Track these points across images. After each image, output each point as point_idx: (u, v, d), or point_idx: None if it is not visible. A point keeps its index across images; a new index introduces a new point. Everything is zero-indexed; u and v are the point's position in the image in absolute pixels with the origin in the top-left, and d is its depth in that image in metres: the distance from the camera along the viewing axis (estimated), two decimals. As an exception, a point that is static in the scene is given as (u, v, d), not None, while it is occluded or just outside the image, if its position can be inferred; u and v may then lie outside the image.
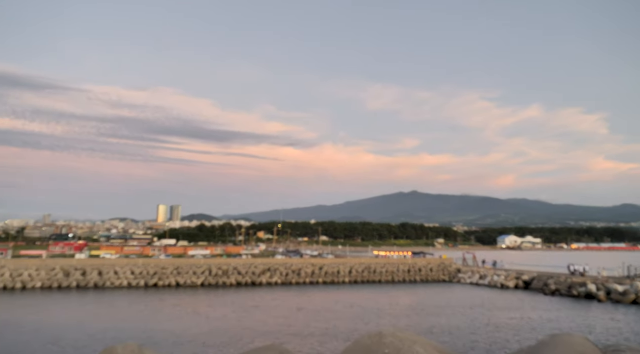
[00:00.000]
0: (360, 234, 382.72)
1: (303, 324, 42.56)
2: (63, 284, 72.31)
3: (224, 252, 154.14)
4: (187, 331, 38.78)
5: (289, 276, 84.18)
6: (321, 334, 38.25)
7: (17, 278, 72.00)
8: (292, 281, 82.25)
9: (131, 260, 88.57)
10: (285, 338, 36.08)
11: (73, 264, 79.61)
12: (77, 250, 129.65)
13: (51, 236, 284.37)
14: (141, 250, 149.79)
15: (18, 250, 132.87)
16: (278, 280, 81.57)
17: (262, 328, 40.49)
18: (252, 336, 37.16)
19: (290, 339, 35.96)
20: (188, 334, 37.68)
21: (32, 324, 41.82)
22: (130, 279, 76.02)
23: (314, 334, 38.22)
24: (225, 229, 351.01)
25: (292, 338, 36.28)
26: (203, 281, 78.16)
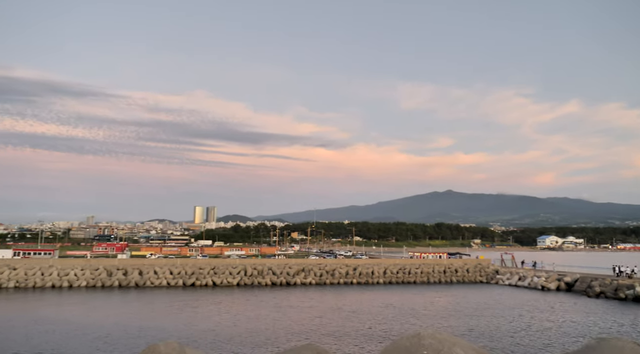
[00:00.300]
0: (394, 235, 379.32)
1: (338, 325, 42.56)
2: (106, 283, 75.00)
3: (258, 252, 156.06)
4: (224, 330, 39.49)
5: (322, 276, 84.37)
6: (357, 334, 38.15)
7: (64, 277, 75.21)
8: (326, 282, 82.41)
9: (169, 260, 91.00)
10: (320, 338, 36.19)
11: (115, 264, 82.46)
12: (119, 250, 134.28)
13: (94, 237, 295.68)
14: (179, 250, 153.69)
15: (64, 250, 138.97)
16: (312, 280, 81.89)
17: (297, 328, 40.75)
18: (288, 335, 37.47)
19: (326, 339, 36.03)
20: (225, 333, 38.36)
21: (79, 321, 43.58)
22: (169, 278, 78.06)
23: (350, 334, 38.17)
24: (260, 230, 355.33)
25: (328, 338, 36.35)
26: (238, 281, 79.37)
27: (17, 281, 72.78)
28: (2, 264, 76.85)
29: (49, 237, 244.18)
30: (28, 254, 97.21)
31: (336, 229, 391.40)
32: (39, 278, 74.13)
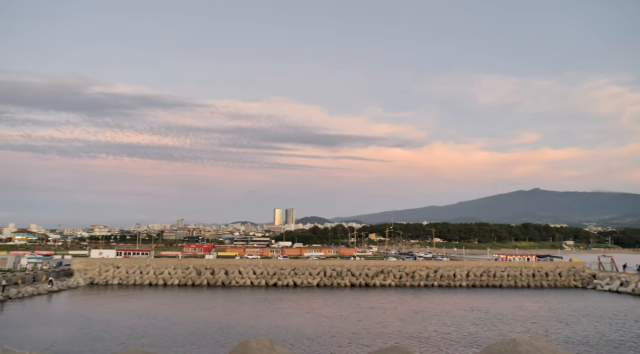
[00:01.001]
0: (477, 236, 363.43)
1: (420, 327, 41.76)
2: (196, 282, 79.85)
3: (336, 254, 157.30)
4: (308, 329, 40.39)
5: (402, 278, 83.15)
6: (442, 338, 37.18)
7: (159, 276, 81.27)
8: (405, 284, 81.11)
9: (252, 260, 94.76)
10: (403, 341, 35.76)
11: (203, 263, 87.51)
12: (206, 251, 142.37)
13: (184, 238, 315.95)
14: (261, 251, 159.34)
15: (159, 251, 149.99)
16: (392, 282, 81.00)
17: (380, 329, 40.60)
18: (371, 336, 37.46)
19: (409, 342, 35.53)
20: (309, 332, 39.23)
21: (176, 316, 46.88)
22: (252, 278, 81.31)
23: (434, 338, 37.29)
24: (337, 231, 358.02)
25: (412, 341, 35.82)
26: (318, 282, 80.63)
27: (120, 279, 79.90)
28: (108, 263, 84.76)
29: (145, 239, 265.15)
30: (128, 254, 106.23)
31: (415, 230, 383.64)
32: (138, 276, 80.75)
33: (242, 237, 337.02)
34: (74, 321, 43.70)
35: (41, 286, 66.51)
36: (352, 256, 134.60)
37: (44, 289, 65.64)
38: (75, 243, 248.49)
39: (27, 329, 39.11)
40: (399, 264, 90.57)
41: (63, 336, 36.44)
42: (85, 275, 79.73)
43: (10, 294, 58.59)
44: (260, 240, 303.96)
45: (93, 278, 79.44)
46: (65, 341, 34.65)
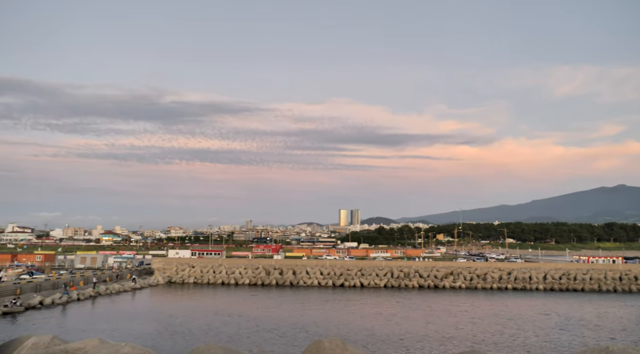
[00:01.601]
0: (554, 236, 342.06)
1: (496, 331, 40.21)
2: (265, 281, 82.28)
3: (403, 254, 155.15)
4: (378, 330, 40.33)
5: (473, 280, 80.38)
6: (519, 343, 35.58)
7: (230, 275, 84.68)
8: (477, 286, 78.29)
9: (319, 261, 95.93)
10: (478, 345, 34.64)
11: (272, 264, 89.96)
12: (274, 252, 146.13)
13: (253, 239, 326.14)
14: (327, 252, 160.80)
15: (230, 251, 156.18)
16: (462, 284, 78.55)
17: (452, 332, 39.62)
18: (443, 339, 36.68)
19: (485, 347, 34.36)
20: (380, 333, 39.15)
21: (249, 314, 48.70)
22: (319, 278, 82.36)
23: (511, 343, 35.77)
24: (404, 232, 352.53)
25: (487, 346, 34.61)
26: (385, 283, 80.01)
27: (195, 277, 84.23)
28: (184, 263, 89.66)
29: (217, 240, 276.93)
30: (202, 254, 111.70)
31: (485, 230, 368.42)
32: (212, 275, 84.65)
33: (309, 238, 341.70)
34: (155, 317, 46.78)
35: (126, 284, 71.78)
36: (417, 257, 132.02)
37: (128, 286, 70.79)
38: (154, 244, 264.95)
39: (116, 323, 42.47)
40: (469, 266, 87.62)
41: (147, 330, 39.16)
42: (164, 274, 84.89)
43: (100, 290, 63.83)
44: (326, 241, 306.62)
45: (171, 277, 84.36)
46: (150, 335, 37.21)
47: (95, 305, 55.50)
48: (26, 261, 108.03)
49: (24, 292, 55.78)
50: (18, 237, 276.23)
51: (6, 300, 50.16)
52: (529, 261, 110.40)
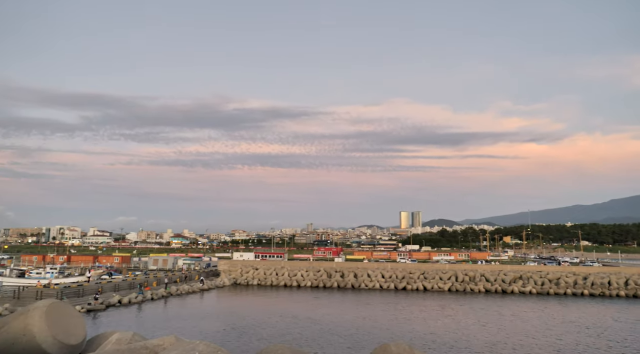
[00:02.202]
0: (635, 238, 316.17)
1: (573, 340, 37.89)
2: (327, 284, 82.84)
3: (468, 258, 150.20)
4: (445, 335, 39.36)
5: (544, 285, 76.19)
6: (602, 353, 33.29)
7: (293, 278, 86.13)
8: (548, 291, 74.10)
9: (380, 264, 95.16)
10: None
11: (333, 266, 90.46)
12: (335, 254, 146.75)
13: (314, 242, 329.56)
14: (388, 255, 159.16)
15: (291, 254, 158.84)
16: (532, 289, 74.68)
17: (526, 340, 37.80)
18: (514, 347, 35.13)
19: (556, 355, 32.50)
20: (445, 338, 38.20)
21: (313, 317, 49.34)
22: (381, 282, 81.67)
23: (592, 352, 33.56)
24: (468, 234, 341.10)
25: (559, 354, 32.72)
26: (449, 287, 77.86)
27: (259, 279, 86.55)
28: (248, 265, 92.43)
29: (279, 243, 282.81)
30: (265, 256, 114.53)
31: (557, 232, 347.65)
32: (274, 278, 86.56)
33: (369, 241, 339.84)
34: (223, 317, 48.62)
35: (194, 285, 75.19)
36: (481, 260, 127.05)
37: (197, 287, 74.09)
38: (219, 247, 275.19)
39: (187, 322, 44.65)
40: (540, 270, 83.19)
41: (216, 330, 40.81)
42: (229, 275, 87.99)
43: (171, 290, 67.35)
44: (386, 243, 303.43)
45: (236, 278, 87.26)
46: (219, 334, 38.74)
47: (167, 305, 58.63)
48: (106, 263, 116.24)
49: (104, 291, 60.07)
50: (98, 240, 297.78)
51: (90, 298, 54.30)
52: (607, 265, 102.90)
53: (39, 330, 10.47)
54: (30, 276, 77.66)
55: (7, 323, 10.94)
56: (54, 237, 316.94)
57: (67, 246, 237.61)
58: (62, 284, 65.35)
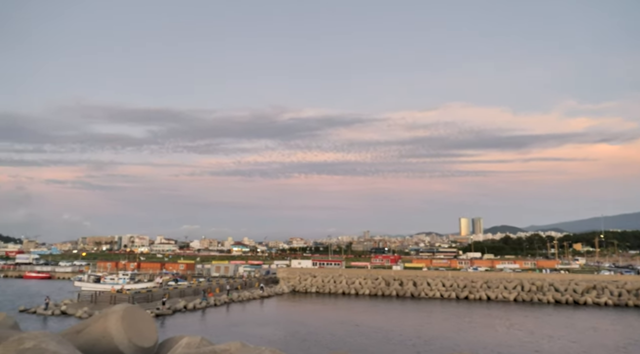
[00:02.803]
0: None
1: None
2: (385, 292, 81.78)
3: (534, 266, 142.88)
4: (512, 348, 37.62)
5: (622, 296, 70.78)
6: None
7: (351, 285, 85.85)
8: (627, 303, 68.74)
9: (440, 272, 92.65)
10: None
11: (391, 274, 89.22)
12: (393, 262, 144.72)
13: (371, 250, 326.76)
14: (448, 263, 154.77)
15: (349, 261, 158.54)
16: (608, 300, 69.62)
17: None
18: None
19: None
20: (514, 350, 36.51)
21: (375, 325, 48.90)
22: (441, 290, 79.47)
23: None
24: (533, 241, 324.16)
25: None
26: (515, 297, 74.34)
27: (317, 287, 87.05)
28: (306, 273, 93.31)
29: (336, 250, 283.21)
30: (322, 264, 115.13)
31: (634, 238, 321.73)
32: (332, 285, 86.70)
33: (428, 249, 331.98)
34: (284, 324, 49.38)
35: (255, 292, 76.95)
36: (545, 269, 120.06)
37: (257, 294, 75.79)
38: (278, 254, 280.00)
39: (249, 328, 45.77)
40: (616, 279, 77.48)
41: (278, 337, 41.53)
42: (288, 283, 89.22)
43: (233, 297, 69.37)
44: (446, 251, 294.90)
45: (294, 286, 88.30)
46: (281, 341, 39.37)
47: (229, 311, 60.43)
48: (172, 270, 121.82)
49: (171, 297, 62.94)
50: (165, 248, 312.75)
51: (158, 303, 57.12)
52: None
53: (116, 333, 11.15)
54: (105, 282, 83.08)
55: (88, 326, 11.75)
56: (125, 245, 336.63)
57: (137, 253, 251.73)
58: (133, 289, 69.29)
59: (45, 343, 9.13)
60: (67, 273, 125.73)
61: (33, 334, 9.13)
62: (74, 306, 56.60)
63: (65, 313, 54.03)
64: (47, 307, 55.52)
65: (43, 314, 53.95)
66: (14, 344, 8.89)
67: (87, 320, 11.62)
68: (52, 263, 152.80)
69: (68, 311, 54.13)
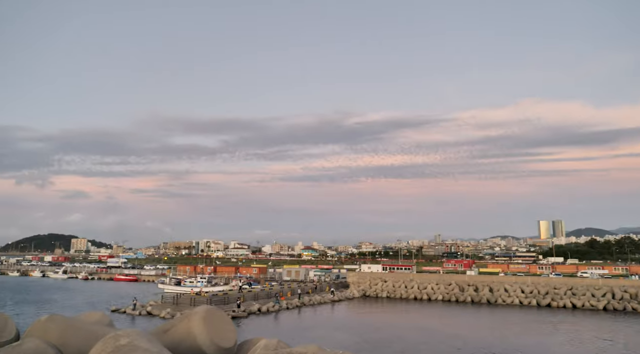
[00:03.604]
0: None
1: None
2: (459, 298, 78.99)
3: (627, 272, 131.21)
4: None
5: None
6: None
7: (423, 290, 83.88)
8: None
9: (519, 278, 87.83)
10: None
11: (465, 280, 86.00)
12: (466, 267, 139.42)
13: (442, 254, 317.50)
14: (527, 268, 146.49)
15: (420, 266, 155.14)
16: None
17: None
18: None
19: None
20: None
21: (453, 332, 47.50)
22: (520, 297, 75.35)
23: None
24: (624, 245, 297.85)
25: None
26: (605, 305, 68.65)
27: (387, 292, 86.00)
28: (376, 277, 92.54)
29: (406, 255, 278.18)
30: (392, 269, 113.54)
31: None
32: (404, 290, 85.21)
33: (504, 253, 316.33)
34: (356, 329, 49.30)
35: (325, 296, 77.57)
36: (635, 275, 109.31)
37: (327, 298, 76.34)
38: (347, 259, 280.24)
39: (322, 332, 46.26)
40: None
41: (350, 342, 41.56)
42: (358, 287, 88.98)
43: (304, 301, 70.42)
44: (524, 255, 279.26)
45: (365, 290, 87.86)
46: (355, 346, 39.34)
47: (300, 314, 61.42)
48: (245, 273, 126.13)
49: (245, 300, 65.19)
50: (238, 252, 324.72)
51: (233, 306, 59.42)
52: None
53: (199, 333, 11.77)
54: (184, 285, 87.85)
55: (174, 325, 12.54)
56: (202, 249, 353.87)
57: (213, 257, 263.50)
58: (210, 292, 72.64)
59: (137, 341, 9.95)
60: (151, 275, 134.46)
61: (127, 332, 10.00)
62: (158, 307, 60.43)
63: (151, 313, 57.84)
64: (135, 307, 59.76)
65: (131, 314, 58.13)
66: (111, 341, 9.78)
67: (172, 320, 12.45)
68: (138, 267, 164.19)
69: (153, 312, 57.91)
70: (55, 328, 11.60)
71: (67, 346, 11.27)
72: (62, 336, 11.35)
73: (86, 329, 12.52)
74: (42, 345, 10.21)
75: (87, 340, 11.32)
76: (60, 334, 11.41)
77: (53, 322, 11.66)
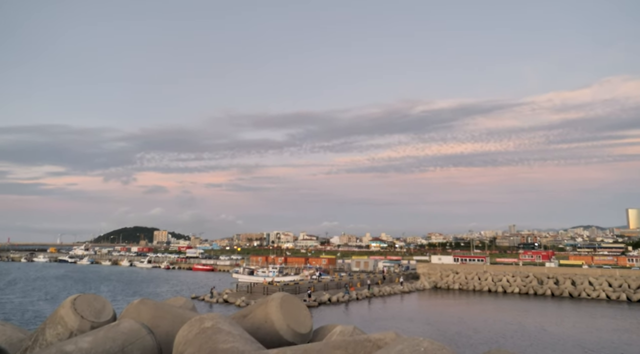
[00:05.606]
0: None
1: None
2: (538, 291, 75.03)
3: None
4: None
5: None
6: None
7: (497, 283, 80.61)
8: None
9: (605, 270, 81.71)
10: None
11: (544, 272, 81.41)
12: (545, 259, 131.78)
13: (518, 245, 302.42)
14: (614, 260, 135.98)
15: (493, 257, 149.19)
16: None
17: None
18: None
19: None
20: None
21: (528, 326, 45.45)
22: (608, 291, 70.14)
23: None
24: None
25: None
26: None
27: (460, 284, 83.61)
28: (447, 269, 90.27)
29: (478, 246, 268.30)
30: (464, 260, 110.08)
31: None
32: (477, 282, 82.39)
33: (587, 244, 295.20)
34: (429, 320, 48.56)
35: (395, 287, 76.96)
36: None
37: (397, 289, 75.70)
38: (416, 250, 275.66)
39: (394, 322, 46.03)
40: None
41: (425, 333, 41.04)
42: (429, 279, 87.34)
43: (374, 291, 70.37)
44: (611, 247, 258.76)
45: (436, 282, 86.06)
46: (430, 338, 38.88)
47: (370, 305, 61.47)
48: (315, 264, 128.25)
49: (316, 290, 66.35)
50: (307, 243, 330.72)
51: (304, 295, 60.73)
52: None
53: (276, 318, 12.15)
54: (257, 274, 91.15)
55: (252, 311, 13.05)
56: (273, 241, 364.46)
57: (283, 248, 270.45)
58: (282, 282, 74.75)
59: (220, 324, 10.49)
60: (226, 265, 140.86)
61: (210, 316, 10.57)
62: (233, 295, 63.26)
63: (227, 301, 60.71)
64: (212, 295, 62.99)
65: (209, 301, 61.38)
66: (197, 323, 10.41)
67: (251, 306, 12.95)
68: (214, 257, 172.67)
69: (229, 300, 60.73)
70: (147, 311, 12.54)
71: (158, 327, 12.15)
72: (153, 318, 12.26)
73: (173, 313, 13.45)
74: (137, 325, 11.11)
75: (175, 322, 12.15)
76: (151, 316, 12.34)
77: (145, 305, 12.62)
